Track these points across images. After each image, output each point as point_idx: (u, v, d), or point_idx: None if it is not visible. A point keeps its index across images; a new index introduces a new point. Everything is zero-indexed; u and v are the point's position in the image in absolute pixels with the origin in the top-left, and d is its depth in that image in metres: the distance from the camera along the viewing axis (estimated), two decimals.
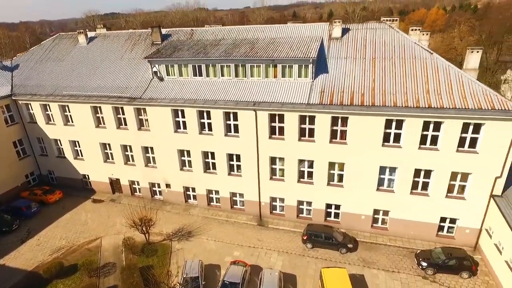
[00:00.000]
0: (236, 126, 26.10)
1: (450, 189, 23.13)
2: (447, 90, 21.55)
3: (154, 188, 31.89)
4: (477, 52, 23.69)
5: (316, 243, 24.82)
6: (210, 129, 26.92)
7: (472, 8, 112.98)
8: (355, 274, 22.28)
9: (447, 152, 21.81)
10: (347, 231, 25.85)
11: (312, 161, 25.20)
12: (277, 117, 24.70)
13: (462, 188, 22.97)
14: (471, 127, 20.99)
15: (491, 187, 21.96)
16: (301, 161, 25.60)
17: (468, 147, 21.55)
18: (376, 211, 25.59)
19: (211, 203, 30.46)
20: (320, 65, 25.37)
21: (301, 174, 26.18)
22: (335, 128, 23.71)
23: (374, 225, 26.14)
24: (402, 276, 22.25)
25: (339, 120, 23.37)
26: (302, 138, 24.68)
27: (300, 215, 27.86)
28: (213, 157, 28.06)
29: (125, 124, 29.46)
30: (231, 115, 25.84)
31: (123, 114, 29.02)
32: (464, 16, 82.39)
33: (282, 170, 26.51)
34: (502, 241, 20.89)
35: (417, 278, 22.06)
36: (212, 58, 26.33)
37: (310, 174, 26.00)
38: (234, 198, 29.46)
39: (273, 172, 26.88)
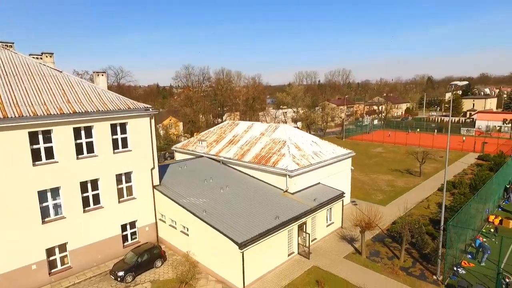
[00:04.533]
0: None
1: (120, 193, 23.66)
2: (87, 99, 22.25)
3: None
4: (102, 75, 26.87)
5: None
6: None
7: None
8: None
9: (105, 156, 22.29)
10: None
11: None
12: None
13: (130, 189, 24.22)
14: (118, 128, 22.95)
15: (150, 179, 24.94)
16: None
17: (122, 147, 23.31)
18: (50, 251, 20.73)
19: None
20: None
21: None
22: None
23: (53, 271, 20.95)
24: None
25: None
26: None
27: None
28: None
29: None
30: None
31: None
32: None
33: None
34: (174, 218, 24.07)
35: None
36: None
37: None
38: None
39: None
